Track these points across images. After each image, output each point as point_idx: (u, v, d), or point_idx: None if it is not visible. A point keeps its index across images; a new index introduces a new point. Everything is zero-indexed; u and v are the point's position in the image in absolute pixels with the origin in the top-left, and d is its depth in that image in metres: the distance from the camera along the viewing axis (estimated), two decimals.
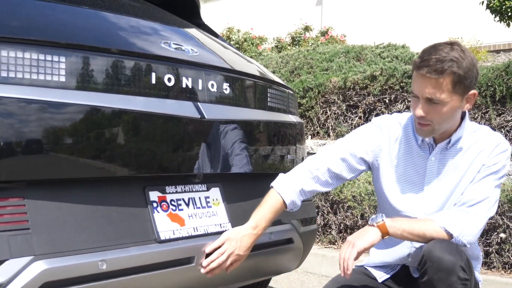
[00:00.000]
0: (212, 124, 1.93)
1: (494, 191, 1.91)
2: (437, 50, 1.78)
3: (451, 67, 1.74)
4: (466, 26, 8.81)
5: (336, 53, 6.54)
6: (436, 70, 1.74)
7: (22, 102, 1.46)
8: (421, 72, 1.77)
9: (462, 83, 1.77)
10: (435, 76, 1.75)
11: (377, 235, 1.86)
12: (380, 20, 10.34)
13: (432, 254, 1.75)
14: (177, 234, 1.79)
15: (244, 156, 2.07)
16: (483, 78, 4.73)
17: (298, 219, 2.29)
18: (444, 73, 1.74)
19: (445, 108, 1.80)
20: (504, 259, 3.68)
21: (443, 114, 1.81)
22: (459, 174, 1.93)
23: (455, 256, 1.73)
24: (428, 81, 1.77)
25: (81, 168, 1.59)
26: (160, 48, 1.87)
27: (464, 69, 1.76)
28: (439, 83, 1.75)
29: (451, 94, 1.77)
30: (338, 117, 5.60)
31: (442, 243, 1.79)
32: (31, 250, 1.44)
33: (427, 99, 1.79)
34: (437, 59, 1.75)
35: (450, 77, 1.75)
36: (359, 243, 1.85)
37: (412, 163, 1.99)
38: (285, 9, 12.65)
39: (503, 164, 1.92)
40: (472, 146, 1.93)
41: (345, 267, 1.85)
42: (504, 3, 4.98)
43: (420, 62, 1.78)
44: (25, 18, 1.65)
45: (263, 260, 2.13)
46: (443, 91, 1.76)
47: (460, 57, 1.76)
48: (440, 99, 1.77)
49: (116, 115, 1.65)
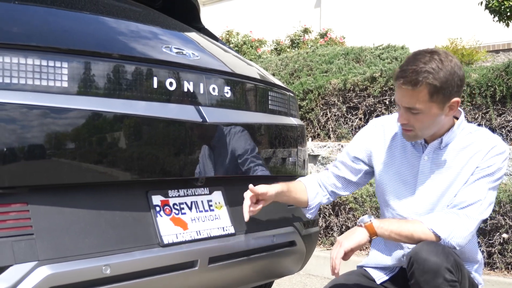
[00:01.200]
0: (214, 127, 1.94)
1: (487, 193, 1.89)
2: (415, 60, 1.81)
3: (426, 79, 1.76)
4: (465, 26, 8.82)
5: (335, 55, 6.55)
6: (411, 81, 1.78)
7: (24, 108, 1.46)
8: (398, 82, 1.82)
9: (439, 93, 1.79)
10: (410, 87, 1.78)
11: (364, 235, 1.89)
12: (379, 21, 10.35)
13: (418, 256, 1.76)
14: (180, 238, 1.79)
15: (246, 159, 2.07)
16: (483, 78, 4.74)
17: (300, 222, 2.29)
18: (418, 85, 1.77)
19: (424, 117, 1.83)
20: (507, 260, 3.68)
21: (424, 122, 1.85)
22: (452, 174, 1.93)
23: (441, 257, 1.73)
24: (405, 92, 1.81)
25: (84, 173, 1.59)
26: (161, 52, 1.87)
27: (441, 80, 1.77)
28: (415, 94, 1.79)
29: (428, 103, 1.80)
30: (338, 119, 5.60)
31: (429, 245, 1.79)
32: (35, 256, 1.44)
33: (406, 108, 1.84)
34: (413, 70, 1.78)
35: (426, 88, 1.77)
36: (346, 243, 1.89)
37: (407, 161, 2.02)
38: (284, 11, 12.66)
39: (498, 167, 1.90)
40: (467, 147, 1.93)
41: (333, 265, 1.88)
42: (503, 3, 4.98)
43: (398, 73, 1.82)
44: (26, 24, 1.66)
45: (265, 263, 2.13)
46: (420, 102, 1.79)
47: (437, 67, 1.77)
48: (418, 109, 1.81)
49: (118, 119, 1.66)
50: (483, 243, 3.74)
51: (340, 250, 1.88)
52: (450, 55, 1.84)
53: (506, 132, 4.68)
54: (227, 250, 1.94)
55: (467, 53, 7.32)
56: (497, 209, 3.64)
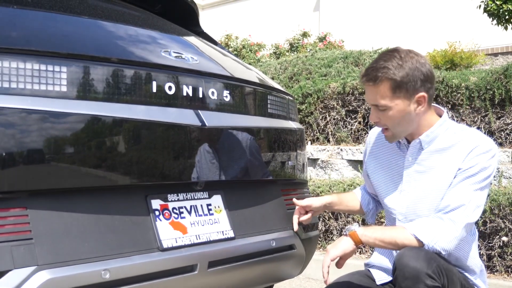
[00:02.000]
0: (213, 131, 1.94)
1: (473, 195, 1.86)
2: (377, 59, 1.89)
3: (385, 74, 1.83)
4: (464, 29, 8.84)
5: (334, 59, 6.56)
6: (371, 78, 1.86)
7: (23, 113, 1.46)
8: (362, 81, 1.91)
9: (402, 88, 1.84)
10: (371, 83, 1.86)
11: (349, 244, 1.93)
12: (378, 25, 10.38)
13: (400, 262, 1.76)
14: (180, 242, 1.79)
15: (245, 163, 2.07)
16: (482, 81, 4.75)
17: (300, 225, 2.29)
18: (378, 80, 1.84)
19: (391, 112, 1.87)
20: (506, 263, 3.68)
21: (393, 118, 1.88)
22: (435, 174, 1.93)
23: (421, 263, 1.72)
24: (369, 89, 1.89)
25: (83, 177, 1.59)
26: (160, 56, 1.87)
27: (401, 75, 1.83)
28: (378, 90, 1.86)
29: (392, 99, 1.85)
30: (337, 123, 5.60)
31: (411, 250, 1.79)
32: (34, 260, 1.44)
33: (374, 106, 1.90)
34: (373, 68, 1.86)
35: (387, 83, 1.84)
36: (332, 251, 1.93)
37: (394, 163, 2.05)
38: (283, 15, 12.69)
39: (482, 167, 1.86)
40: (450, 148, 1.92)
41: (323, 273, 1.93)
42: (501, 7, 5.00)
43: (362, 73, 1.92)
44: (25, 29, 1.66)
45: (265, 266, 2.13)
46: (383, 97, 1.85)
47: (397, 64, 1.83)
48: (383, 105, 1.86)
49: (117, 124, 1.66)
50: (482, 246, 3.74)
51: (326, 259, 1.93)
52: (414, 53, 1.90)
53: (505, 135, 4.69)
54: (226, 254, 1.93)
55: (466, 56, 7.34)
56: (497, 212, 3.64)
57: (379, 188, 2.11)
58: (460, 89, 4.85)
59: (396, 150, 2.05)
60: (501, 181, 4.09)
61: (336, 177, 5.08)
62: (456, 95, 4.87)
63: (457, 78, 4.94)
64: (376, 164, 2.13)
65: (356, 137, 5.47)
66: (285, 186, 2.34)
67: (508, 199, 3.62)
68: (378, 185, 2.11)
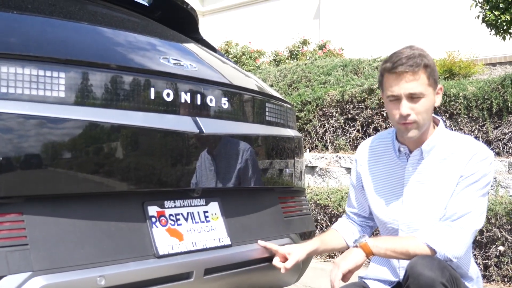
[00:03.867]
0: (211, 138, 1.94)
1: (477, 202, 1.89)
2: (401, 52, 1.89)
3: (423, 60, 1.85)
4: (463, 39, 8.87)
5: (333, 67, 6.57)
6: (411, 65, 1.84)
7: (21, 118, 1.46)
8: (398, 70, 1.86)
9: (433, 75, 1.89)
10: (411, 70, 1.84)
11: (361, 256, 1.92)
12: (377, 34, 10.40)
13: (413, 270, 1.76)
14: (176, 249, 1.79)
15: (242, 171, 2.07)
16: (480, 91, 4.76)
17: (297, 233, 2.29)
18: (420, 66, 1.85)
19: (425, 101, 1.88)
20: (503, 272, 3.68)
21: (426, 107, 1.89)
22: (436, 183, 1.94)
23: (436, 272, 1.73)
24: (407, 77, 1.85)
25: (80, 183, 1.59)
26: (159, 63, 1.88)
27: (431, 62, 1.89)
28: (417, 76, 1.85)
29: (427, 86, 1.87)
30: (336, 130, 5.61)
31: (424, 259, 1.80)
32: (30, 266, 1.43)
33: (409, 95, 1.86)
34: (408, 57, 1.86)
35: (424, 69, 1.86)
36: (343, 264, 1.91)
37: (394, 174, 2.04)
38: (283, 23, 12.72)
39: (483, 173, 1.89)
40: (450, 156, 1.94)
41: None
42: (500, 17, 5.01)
43: (393, 64, 1.87)
44: (24, 34, 1.66)
45: (261, 274, 2.12)
46: (422, 84, 1.86)
47: (423, 52, 1.89)
48: (420, 92, 1.86)
49: (115, 130, 1.66)
50: (479, 255, 3.74)
51: (338, 273, 1.90)
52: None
53: (503, 144, 4.69)
54: (223, 262, 1.93)
55: (465, 66, 7.35)
56: (494, 222, 3.64)
57: (375, 201, 2.09)
58: (458, 98, 4.86)
59: (394, 161, 2.04)
60: (498, 191, 4.10)
61: (334, 185, 5.08)
62: (454, 105, 4.88)
63: (455, 87, 4.95)
64: (372, 177, 2.12)
65: (355, 145, 5.47)
66: (282, 193, 2.34)
67: (504, 209, 3.62)
68: (375, 197, 2.09)
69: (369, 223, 2.25)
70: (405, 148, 2.00)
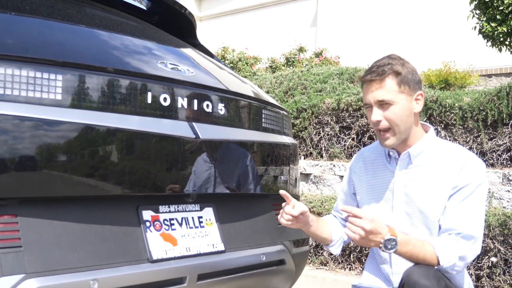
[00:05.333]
0: (207, 144, 1.94)
1: (479, 211, 1.90)
2: (377, 61, 1.96)
3: (391, 68, 1.90)
4: (459, 50, 8.91)
5: (330, 75, 6.58)
6: (378, 73, 1.91)
7: (17, 120, 1.46)
8: (366, 78, 1.94)
9: (405, 83, 1.91)
10: (379, 78, 1.90)
11: (385, 230, 1.79)
12: (374, 43, 10.44)
13: (409, 278, 1.77)
14: (170, 254, 1.79)
15: (237, 177, 2.07)
16: (475, 102, 4.78)
17: (291, 240, 2.29)
18: (386, 74, 1.90)
19: (396, 108, 1.91)
20: (495, 283, 3.68)
21: (397, 114, 1.91)
22: (425, 188, 1.95)
23: (432, 281, 1.74)
24: (374, 84, 1.92)
25: (75, 186, 1.58)
26: (156, 68, 1.88)
27: (405, 70, 1.92)
28: (383, 84, 1.90)
29: (397, 93, 1.90)
30: (331, 138, 5.62)
31: (421, 268, 1.80)
32: (23, 268, 1.43)
33: (378, 103, 1.92)
34: (378, 65, 1.93)
35: (393, 76, 1.90)
36: (371, 234, 1.78)
37: (384, 179, 2.06)
38: (280, 29, 12.74)
39: (478, 183, 1.90)
40: (439, 162, 1.95)
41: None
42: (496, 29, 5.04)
43: (365, 72, 1.96)
44: (22, 36, 1.66)
45: (254, 281, 2.12)
46: (390, 91, 1.90)
47: (398, 62, 1.93)
48: (388, 100, 1.90)
49: (111, 134, 1.66)
50: (471, 266, 3.74)
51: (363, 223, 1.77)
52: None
53: (497, 156, 4.71)
54: (216, 267, 1.93)
55: (460, 77, 7.39)
56: (486, 233, 3.65)
57: (367, 207, 2.10)
58: (453, 109, 4.88)
59: (385, 166, 2.07)
60: (492, 202, 4.11)
61: (328, 192, 5.08)
62: (449, 115, 4.90)
63: (451, 98, 4.97)
64: (364, 184, 2.13)
65: (349, 153, 5.48)
66: (277, 200, 2.33)
67: (498, 220, 3.63)
68: (366, 203, 2.10)
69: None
70: (394, 152, 2.03)
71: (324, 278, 4.19)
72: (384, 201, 2.05)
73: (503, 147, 4.67)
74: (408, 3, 10.59)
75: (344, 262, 4.45)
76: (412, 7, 10.51)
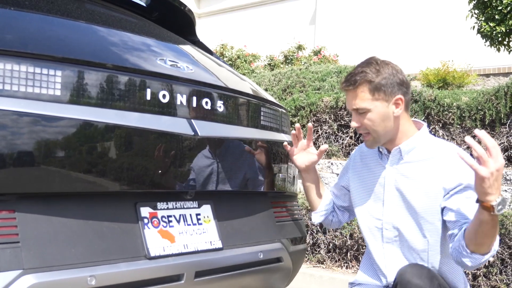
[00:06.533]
0: (205, 141, 1.94)
1: None
2: (355, 68, 1.99)
3: (363, 77, 1.92)
4: (458, 49, 8.92)
5: (328, 73, 6.59)
6: (350, 83, 1.95)
7: (15, 115, 1.46)
8: (342, 87, 2.00)
9: (380, 90, 1.93)
10: (351, 87, 1.95)
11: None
12: (372, 41, 10.45)
13: (402, 278, 1.78)
14: (167, 251, 1.79)
15: (236, 174, 2.07)
16: (473, 101, 4.79)
17: (288, 238, 2.29)
18: (357, 83, 1.93)
19: (372, 115, 1.94)
20: (491, 283, 3.69)
21: (373, 120, 1.95)
22: (417, 184, 1.96)
23: (424, 281, 1.75)
24: (349, 93, 1.98)
25: (73, 182, 1.58)
26: (155, 64, 1.87)
27: (379, 77, 1.92)
28: (357, 93, 1.94)
29: (372, 101, 1.93)
30: (329, 137, 5.62)
31: (414, 267, 1.82)
32: (20, 264, 1.42)
33: (355, 110, 1.97)
34: (351, 74, 1.97)
35: (365, 86, 1.93)
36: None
37: (376, 175, 2.10)
38: (278, 27, 12.74)
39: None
40: (431, 159, 1.97)
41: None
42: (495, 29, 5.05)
43: (342, 80, 2.00)
44: (21, 31, 1.66)
45: (251, 278, 2.12)
46: (364, 100, 1.94)
47: (374, 68, 1.94)
48: (362, 108, 1.94)
49: (109, 130, 1.65)
50: None
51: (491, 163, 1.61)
52: (388, 61, 1.99)
53: None
54: (213, 265, 1.93)
55: (458, 76, 7.40)
56: None
57: (359, 202, 2.14)
58: (451, 108, 4.89)
59: (377, 161, 2.10)
60: None
61: None
62: (447, 114, 4.91)
63: (449, 97, 4.98)
64: (358, 179, 2.17)
65: (347, 152, 5.48)
66: (275, 198, 2.34)
67: None
68: (359, 199, 2.14)
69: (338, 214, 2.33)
70: (384, 149, 2.07)
71: (321, 276, 4.19)
72: (375, 195, 2.09)
73: (501, 146, 4.68)
74: (407, 2, 10.59)
75: (341, 260, 4.46)
76: (411, 6, 10.51)
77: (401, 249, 2.01)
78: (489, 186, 1.60)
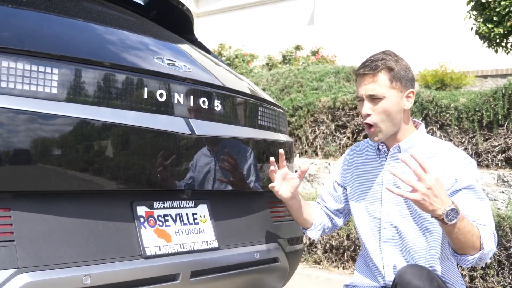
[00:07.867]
0: (202, 140, 1.93)
1: (486, 204, 1.91)
2: (372, 56, 2.00)
3: (384, 63, 1.94)
4: (456, 51, 8.93)
5: (326, 73, 6.58)
6: (371, 67, 1.95)
7: (11, 113, 1.45)
8: (360, 71, 1.98)
9: (397, 79, 1.94)
10: (371, 72, 1.94)
11: (450, 203, 1.71)
12: (370, 42, 10.45)
13: (402, 278, 1.78)
14: (163, 250, 1.78)
15: (233, 174, 2.07)
16: (471, 103, 4.79)
17: (285, 238, 2.28)
18: (379, 69, 1.94)
19: (386, 103, 1.94)
20: (488, 285, 3.69)
21: (386, 110, 1.94)
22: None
23: (424, 282, 1.75)
24: (366, 78, 1.96)
25: (69, 181, 1.57)
26: (153, 63, 1.87)
27: (398, 67, 1.95)
28: (376, 78, 1.94)
29: (389, 88, 1.94)
30: (326, 137, 5.62)
31: (414, 268, 1.81)
32: (15, 263, 1.42)
33: (369, 96, 1.96)
34: (372, 60, 1.97)
35: (385, 72, 1.94)
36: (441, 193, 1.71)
37: (373, 173, 2.09)
38: (277, 27, 12.74)
39: (476, 178, 1.93)
40: (430, 157, 1.97)
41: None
42: (493, 30, 5.05)
43: (359, 66, 2.00)
44: (18, 28, 1.65)
45: (248, 278, 2.12)
46: (381, 86, 1.94)
47: (392, 58, 1.97)
48: (379, 94, 1.93)
49: (106, 128, 1.64)
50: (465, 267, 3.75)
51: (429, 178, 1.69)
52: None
53: (492, 157, 4.72)
54: (209, 264, 1.92)
55: (456, 77, 7.41)
56: None
57: (357, 201, 2.13)
58: (449, 109, 4.89)
59: (375, 159, 2.10)
60: None
61: None
62: (445, 115, 4.91)
63: (446, 98, 4.98)
64: (355, 176, 2.17)
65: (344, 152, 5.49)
66: (271, 198, 2.33)
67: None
68: (357, 198, 2.14)
69: (333, 219, 2.29)
70: (383, 146, 2.06)
71: (317, 277, 4.19)
72: (373, 194, 2.08)
73: (498, 148, 4.68)
74: (405, 3, 10.60)
75: (338, 261, 4.46)
76: (409, 7, 10.52)
77: (399, 248, 2.01)
78: (429, 203, 1.68)
